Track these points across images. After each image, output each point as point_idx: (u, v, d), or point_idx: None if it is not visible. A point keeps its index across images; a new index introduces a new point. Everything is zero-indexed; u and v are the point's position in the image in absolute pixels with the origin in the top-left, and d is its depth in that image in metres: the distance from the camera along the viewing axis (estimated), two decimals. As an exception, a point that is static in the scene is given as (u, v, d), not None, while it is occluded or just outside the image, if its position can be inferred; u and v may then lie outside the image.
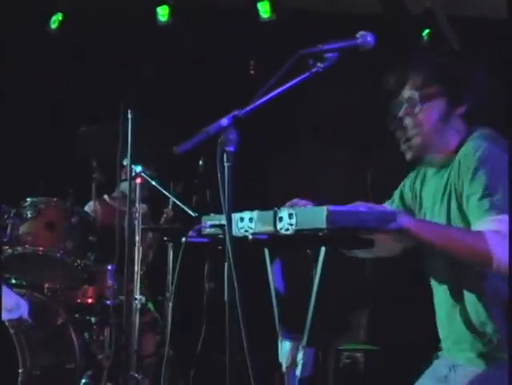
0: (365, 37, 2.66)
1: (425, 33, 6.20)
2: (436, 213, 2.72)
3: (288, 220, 2.48)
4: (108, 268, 5.05)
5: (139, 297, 4.77)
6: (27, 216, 4.92)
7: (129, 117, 4.51)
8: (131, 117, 4.50)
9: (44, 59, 6.55)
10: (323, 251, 2.53)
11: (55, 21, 6.51)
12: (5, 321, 4.38)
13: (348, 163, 6.64)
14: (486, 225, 2.49)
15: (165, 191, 5.08)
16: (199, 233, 2.79)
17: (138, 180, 4.83)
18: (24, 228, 4.91)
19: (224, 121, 2.51)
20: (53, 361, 4.67)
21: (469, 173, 2.56)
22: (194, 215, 4.88)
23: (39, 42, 6.54)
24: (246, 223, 2.64)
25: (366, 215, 2.43)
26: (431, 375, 2.78)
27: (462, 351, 2.67)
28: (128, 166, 4.53)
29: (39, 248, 4.90)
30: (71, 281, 5.04)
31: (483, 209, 2.51)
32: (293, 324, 2.79)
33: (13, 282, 4.95)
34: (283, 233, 2.50)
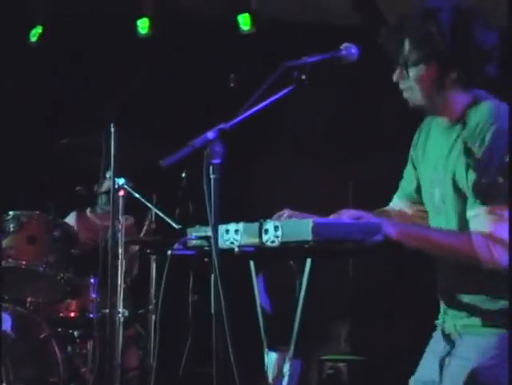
0: (349, 49, 2.69)
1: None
2: (440, 169, 2.67)
3: (274, 232, 2.49)
4: (91, 281, 5.04)
5: (122, 310, 4.76)
6: (9, 229, 4.90)
7: (111, 130, 4.53)
8: (113, 130, 4.52)
9: (26, 72, 6.55)
10: (309, 263, 2.56)
11: (35, 34, 6.50)
12: None
13: (330, 172, 6.67)
14: (480, 220, 2.49)
15: (148, 203, 5.08)
16: (185, 246, 2.79)
17: (121, 193, 4.82)
18: (6, 241, 4.88)
19: (210, 134, 2.52)
20: (36, 375, 4.67)
21: (482, 146, 2.50)
22: (178, 227, 4.88)
23: (20, 55, 6.53)
24: (232, 235, 2.65)
25: (351, 227, 2.45)
26: (432, 351, 2.75)
27: (464, 320, 2.66)
28: (112, 179, 4.53)
29: (22, 261, 4.87)
30: (54, 294, 5.02)
31: (485, 194, 2.49)
32: (278, 335, 2.81)
33: (-6, 296, 4.93)
34: (269, 245, 2.51)
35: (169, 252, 2.72)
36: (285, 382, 2.66)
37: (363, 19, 6.21)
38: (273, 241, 2.49)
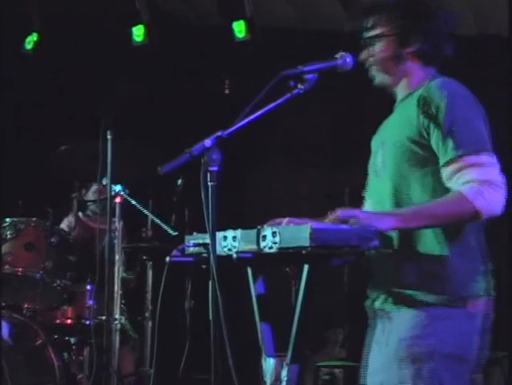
0: (345, 58, 2.75)
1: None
2: (386, 135, 2.77)
3: (272, 238, 2.51)
4: (87, 288, 5.05)
5: (118, 317, 4.77)
6: (7, 236, 4.91)
7: (108, 137, 4.55)
8: (110, 137, 4.54)
9: (21, 79, 6.55)
10: (307, 268, 2.58)
11: (30, 41, 6.50)
12: None
13: (326, 178, 6.70)
14: (461, 174, 2.54)
15: (144, 209, 5.09)
16: (182, 252, 2.81)
17: (118, 200, 4.83)
18: (3, 248, 4.88)
19: (207, 142, 2.55)
20: (33, 381, 4.67)
21: (440, 111, 2.59)
22: (174, 234, 4.89)
23: (16, 62, 6.55)
24: (230, 241, 2.66)
25: (348, 232, 2.47)
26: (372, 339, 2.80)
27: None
28: (108, 185, 4.55)
29: (19, 268, 4.87)
30: (51, 301, 5.01)
31: (459, 145, 2.55)
32: (276, 341, 2.82)
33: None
34: (267, 252, 2.53)
35: (168, 258, 2.72)
36: None
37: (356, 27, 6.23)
38: (271, 247, 2.51)
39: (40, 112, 6.61)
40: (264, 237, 2.53)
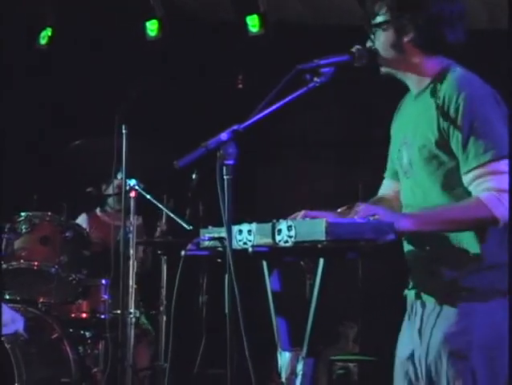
0: (361, 51, 2.74)
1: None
2: (409, 135, 2.75)
3: (287, 232, 2.51)
4: (102, 282, 5.09)
5: (133, 311, 4.80)
6: (22, 230, 4.93)
7: (123, 132, 4.57)
8: (125, 132, 4.57)
9: (37, 74, 6.59)
10: (322, 262, 2.58)
11: (45, 36, 6.52)
12: (0, 336, 4.38)
13: (340, 174, 6.71)
14: (481, 181, 2.54)
15: (159, 204, 5.12)
16: (198, 246, 2.80)
17: (132, 194, 4.85)
18: (19, 243, 4.92)
19: (223, 135, 2.54)
20: (48, 375, 4.69)
21: (459, 114, 2.58)
22: (189, 228, 4.91)
23: (30, 56, 6.58)
24: (245, 235, 2.66)
25: (364, 226, 2.46)
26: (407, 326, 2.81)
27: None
28: (123, 180, 4.57)
29: (34, 262, 4.90)
30: (66, 295, 5.05)
31: (480, 152, 2.55)
32: (292, 335, 2.82)
33: (7, 298, 4.95)
34: (282, 245, 2.53)
35: (183, 252, 2.73)
36: (298, 381, 2.68)
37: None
38: (286, 241, 2.51)
39: (55, 107, 6.64)
40: (279, 231, 2.53)
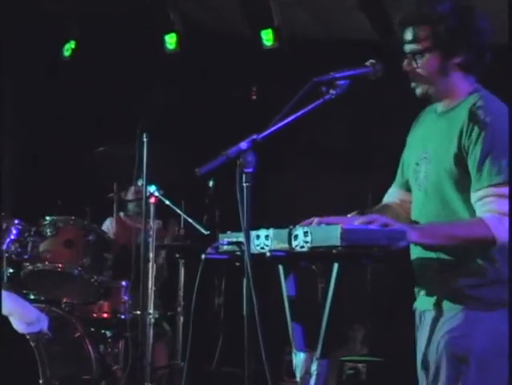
0: (375, 65, 2.82)
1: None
2: (430, 150, 2.83)
3: (303, 237, 2.61)
4: (123, 284, 5.23)
5: (152, 311, 4.96)
6: (47, 234, 5.04)
7: (144, 140, 4.75)
8: (146, 140, 4.74)
9: (64, 85, 6.74)
10: (336, 267, 2.69)
11: (68, 49, 6.67)
12: (26, 334, 4.50)
13: (350, 183, 6.77)
14: (488, 201, 2.64)
15: (178, 209, 5.28)
16: (217, 250, 2.90)
17: (152, 200, 5.03)
18: (44, 245, 5.02)
19: (243, 144, 2.65)
20: (70, 372, 4.81)
21: (481, 137, 2.67)
22: (206, 233, 5.07)
23: (54, 68, 6.75)
24: (262, 240, 2.76)
25: (378, 233, 2.57)
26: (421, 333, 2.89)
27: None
28: (144, 186, 4.75)
29: (58, 264, 5.01)
30: (88, 296, 5.18)
31: (493, 173, 2.65)
32: (306, 337, 2.92)
33: (32, 298, 5.09)
34: (299, 250, 2.63)
35: (203, 256, 2.82)
36: (313, 381, 2.78)
37: (379, 37, 6.32)
38: (302, 246, 2.61)
39: (79, 115, 6.77)
40: (296, 237, 2.63)
